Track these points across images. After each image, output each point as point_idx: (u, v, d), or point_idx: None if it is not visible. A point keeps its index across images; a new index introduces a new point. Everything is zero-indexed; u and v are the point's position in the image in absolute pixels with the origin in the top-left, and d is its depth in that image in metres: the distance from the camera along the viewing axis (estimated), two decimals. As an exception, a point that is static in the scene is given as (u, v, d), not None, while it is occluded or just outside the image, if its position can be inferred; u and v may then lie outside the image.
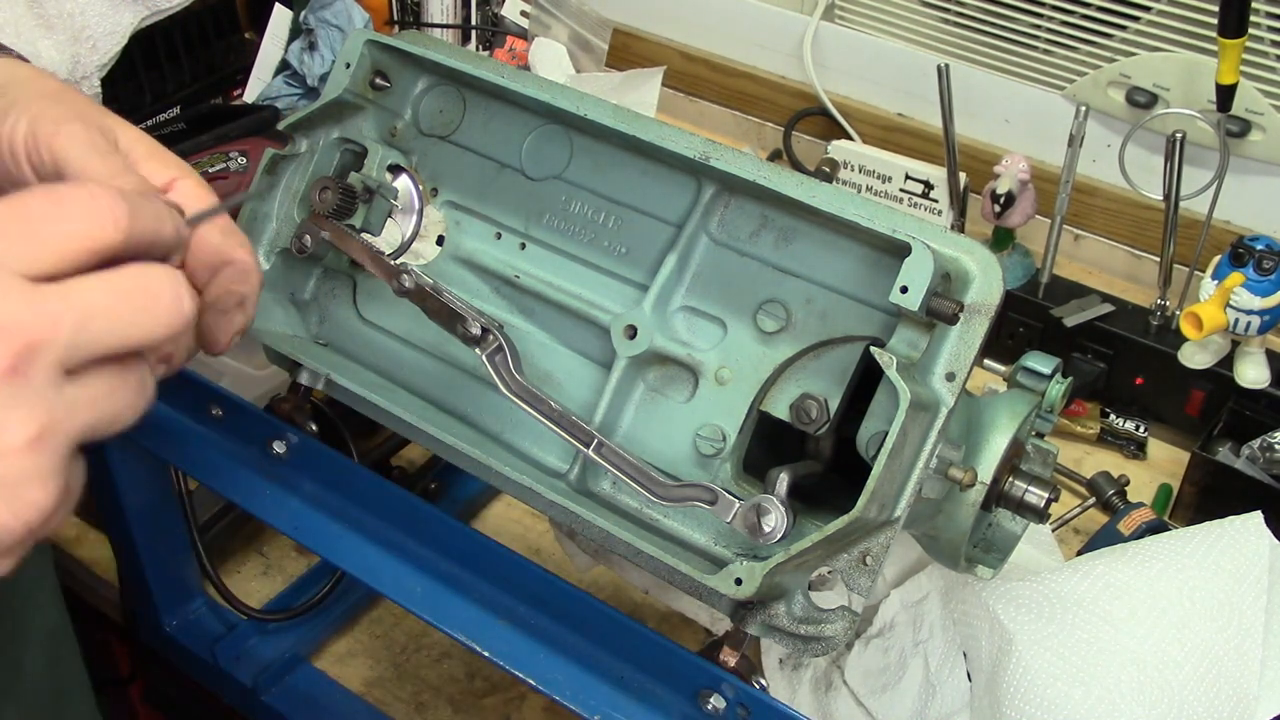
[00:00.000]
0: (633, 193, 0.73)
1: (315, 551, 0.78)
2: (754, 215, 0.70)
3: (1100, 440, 1.17)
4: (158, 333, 0.45)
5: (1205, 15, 1.16)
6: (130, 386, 0.46)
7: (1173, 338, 1.12)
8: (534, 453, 0.74)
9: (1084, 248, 1.37)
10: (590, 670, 0.70)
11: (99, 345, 0.44)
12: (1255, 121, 1.20)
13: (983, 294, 0.63)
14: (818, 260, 0.68)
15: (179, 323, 0.46)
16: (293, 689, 0.99)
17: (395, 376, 0.79)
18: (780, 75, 1.51)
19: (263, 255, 0.79)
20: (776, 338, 0.68)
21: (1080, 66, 1.29)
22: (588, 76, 1.52)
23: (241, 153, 1.17)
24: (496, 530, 1.11)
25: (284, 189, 0.79)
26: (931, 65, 1.17)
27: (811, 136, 1.51)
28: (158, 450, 0.84)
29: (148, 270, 0.45)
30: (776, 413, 0.68)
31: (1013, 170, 1.19)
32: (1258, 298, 1.01)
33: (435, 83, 0.79)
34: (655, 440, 0.71)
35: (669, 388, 0.71)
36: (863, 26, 1.43)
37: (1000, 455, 0.69)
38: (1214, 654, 0.77)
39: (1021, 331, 1.20)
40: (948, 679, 0.84)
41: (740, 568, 0.61)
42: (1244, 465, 1.06)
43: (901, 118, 1.44)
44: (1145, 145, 1.21)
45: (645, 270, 0.72)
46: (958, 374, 0.63)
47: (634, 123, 0.70)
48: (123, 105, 1.24)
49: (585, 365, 0.74)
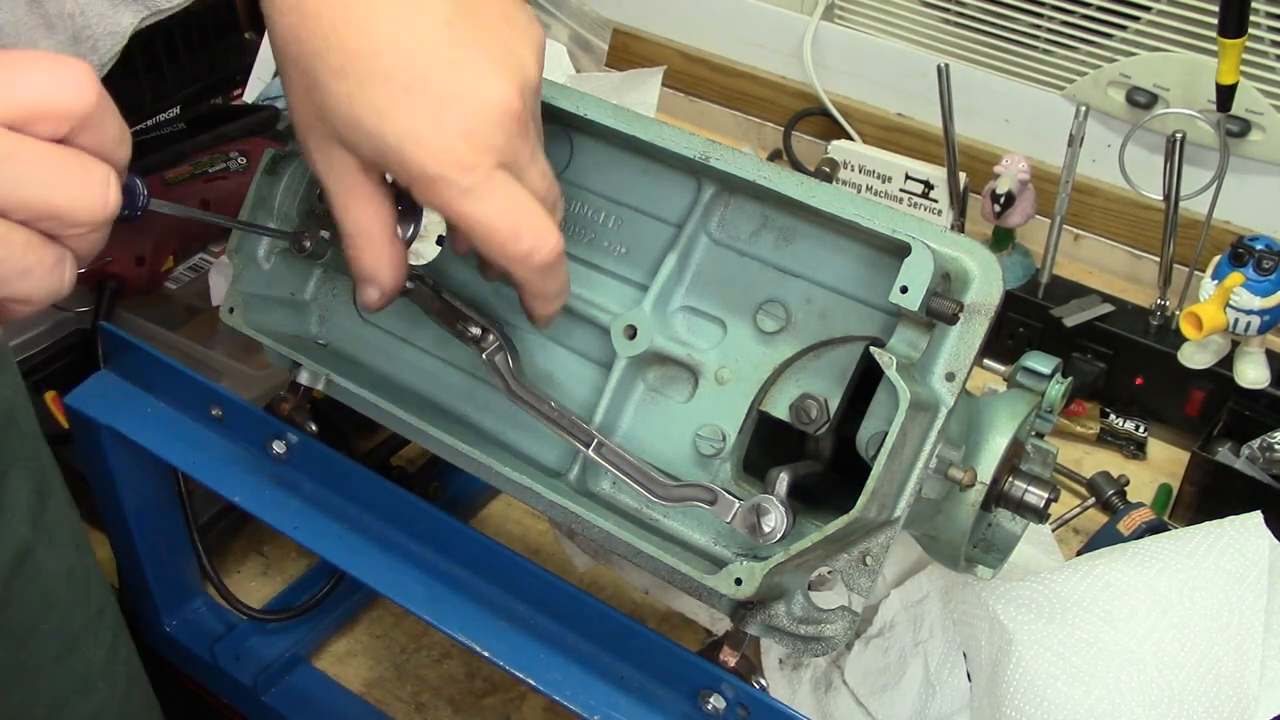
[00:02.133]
0: (633, 193, 0.73)
1: (315, 551, 0.78)
2: (754, 215, 0.70)
3: (1100, 440, 1.17)
4: (79, 213, 0.48)
5: (1205, 15, 1.16)
6: (46, 258, 0.48)
7: (1173, 338, 1.12)
8: (534, 453, 0.74)
9: (1084, 248, 1.37)
10: (590, 670, 0.70)
11: (24, 197, 0.47)
12: (1255, 121, 1.20)
13: (983, 294, 0.63)
14: (818, 260, 0.68)
15: (100, 213, 0.49)
16: (293, 689, 0.99)
17: (395, 376, 0.79)
18: (780, 75, 1.51)
19: (263, 255, 0.79)
20: (776, 338, 0.68)
21: (1080, 66, 1.29)
22: (588, 76, 1.52)
23: (241, 153, 1.17)
24: (496, 530, 1.11)
25: (284, 189, 0.79)
26: (931, 65, 1.17)
27: (811, 136, 1.51)
28: (158, 450, 0.84)
29: (89, 158, 0.49)
30: (776, 413, 0.68)
31: (1013, 170, 1.19)
32: (1258, 298, 1.01)
33: (435, 83, 0.79)
34: (655, 440, 0.71)
35: (669, 388, 0.71)
36: (863, 26, 1.43)
37: (1000, 455, 0.69)
38: (1214, 654, 0.77)
39: (1021, 331, 1.20)
40: (948, 679, 0.85)
41: (740, 568, 0.61)
42: (1244, 465, 1.06)
43: (901, 118, 1.44)
44: (1145, 145, 1.21)
45: (645, 270, 0.72)
46: (958, 374, 0.63)
47: (634, 123, 0.70)
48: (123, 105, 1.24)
49: (585, 365, 0.74)
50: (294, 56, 0.59)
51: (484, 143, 0.58)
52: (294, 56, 0.59)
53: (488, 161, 0.58)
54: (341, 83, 0.57)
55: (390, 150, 0.58)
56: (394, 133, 0.57)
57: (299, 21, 0.58)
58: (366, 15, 0.57)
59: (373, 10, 0.57)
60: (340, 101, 0.58)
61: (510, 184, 0.59)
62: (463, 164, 0.57)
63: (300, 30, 0.58)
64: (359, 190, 0.62)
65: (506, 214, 0.59)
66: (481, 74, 0.58)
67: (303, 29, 0.58)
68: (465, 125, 0.57)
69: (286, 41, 0.59)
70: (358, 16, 0.57)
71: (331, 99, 0.58)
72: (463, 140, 0.57)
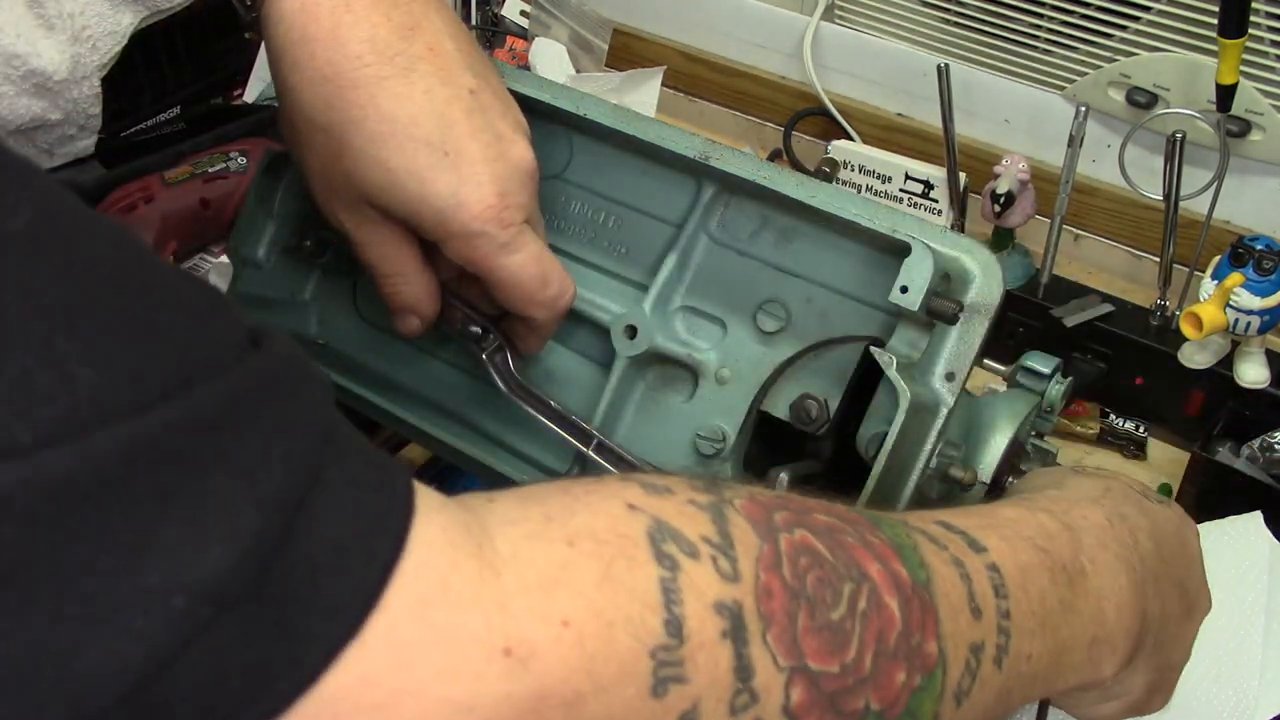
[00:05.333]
0: (633, 193, 0.73)
1: (315, 551, 0.78)
2: (754, 215, 0.70)
3: (1100, 440, 1.17)
4: None
5: (1205, 15, 1.16)
6: None
7: (1173, 338, 1.12)
8: (534, 453, 0.74)
9: (1084, 248, 1.37)
10: (590, 670, 0.70)
11: None
12: (1255, 121, 1.20)
13: (983, 294, 0.63)
14: (818, 260, 0.68)
15: None
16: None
17: (395, 376, 0.79)
18: (780, 75, 1.51)
19: (263, 255, 0.79)
20: (776, 338, 0.68)
21: (1080, 66, 1.29)
22: (588, 76, 1.52)
23: (241, 153, 1.17)
24: (496, 530, 1.11)
25: (284, 189, 0.79)
26: (931, 65, 1.17)
27: (811, 136, 1.51)
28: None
29: None
30: (776, 413, 0.68)
31: (1013, 170, 1.19)
32: (1258, 298, 1.01)
33: (435, 83, 0.79)
34: (655, 440, 0.71)
35: (669, 388, 0.71)
36: (863, 26, 1.43)
37: (1000, 455, 0.69)
38: (1214, 654, 0.77)
39: (1021, 331, 1.20)
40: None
41: (740, 568, 0.61)
42: (1244, 465, 1.06)
43: (901, 118, 1.44)
44: (1145, 145, 1.21)
45: (645, 270, 0.72)
46: (958, 374, 0.63)
47: (634, 123, 0.70)
48: (123, 105, 1.23)
49: (585, 365, 0.74)
50: (324, 125, 0.62)
51: (515, 200, 0.63)
52: (324, 125, 0.62)
53: (519, 218, 0.63)
54: (380, 149, 0.61)
55: (431, 212, 0.62)
56: (436, 194, 0.61)
57: (335, 92, 0.61)
58: (405, 86, 0.61)
59: (410, 82, 0.61)
60: (374, 167, 0.61)
61: (534, 236, 0.64)
62: (501, 221, 0.62)
63: (335, 100, 0.61)
64: (392, 239, 0.66)
65: (536, 263, 0.64)
66: (506, 136, 0.64)
67: (338, 98, 0.61)
68: (501, 186, 0.62)
69: (317, 110, 0.62)
70: (396, 87, 0.61)
71: (365, 164, 0.61)
72: (499, 199, 0.62)
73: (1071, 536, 0.55)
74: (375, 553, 0.36)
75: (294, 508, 0.34)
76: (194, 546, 0.32)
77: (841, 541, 0.44)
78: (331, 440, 0.37)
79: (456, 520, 0.39)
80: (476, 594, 0.37)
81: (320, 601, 0.34)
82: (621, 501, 0.42)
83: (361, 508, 0.36)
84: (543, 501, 0.42)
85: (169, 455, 0.32)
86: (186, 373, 0.33)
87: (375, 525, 0.36)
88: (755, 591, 0.40)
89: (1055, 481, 0.63)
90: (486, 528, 0.39)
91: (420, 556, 0.36)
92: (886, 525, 0.48)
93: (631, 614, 0.38)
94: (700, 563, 0.40)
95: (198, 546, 0.32)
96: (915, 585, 0.45)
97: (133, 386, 0.31)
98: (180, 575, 0.31)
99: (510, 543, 0.39)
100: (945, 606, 0.46)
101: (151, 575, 0.31)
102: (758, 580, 0.41)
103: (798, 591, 0.41)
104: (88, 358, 0.31)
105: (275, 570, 0.33)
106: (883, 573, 0.44)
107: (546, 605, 0.37)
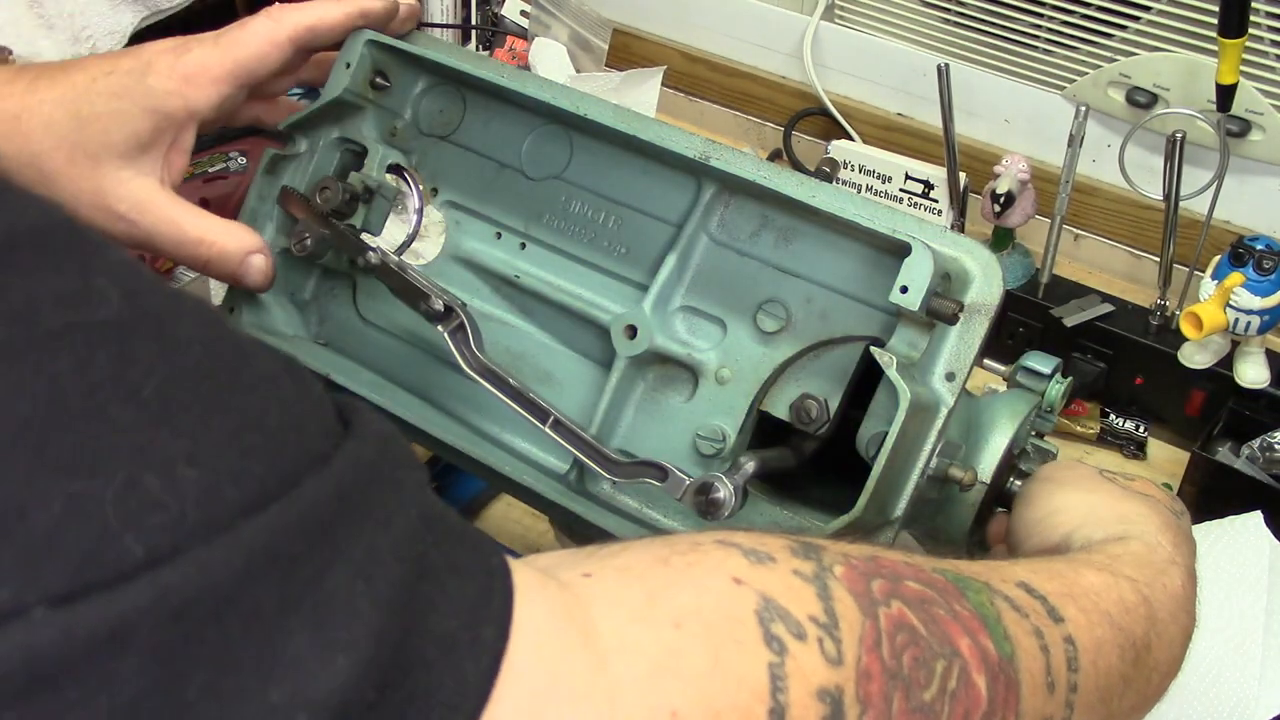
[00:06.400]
0: (633, 193, 0.73)
1: (315, 551, 0.78)
2: (754, 215, 0.70)
3: (1100, 440, 1.17)
4: None
5: (1205, 15, 1.16)
6: None
7: (1173, 338, 1.12)
8: (534, 453, 0.74)
9: (1084, 248, 1.37)
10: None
11: None
12: (1255, 121, 1.20)
13: (983, 294, 0.63)
14: (818, 260, 0.68)
15: None
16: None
17: (395, 376, 0.79)
18: (780, 75, 1.51)
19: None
20: (776, 338, 0.68)
21: (1080, 66, 1.29)
22: (588, 76, 1.52)
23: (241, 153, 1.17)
24: (497, 530, 1.11)
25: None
26: (931, 65, 1.17)
27: (811, 136, 1.51)
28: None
29: None
30: (776, 413, 0.68)
31: (1013, 170, 1.19)
32: (1258, 298, 1.01)
33: (435, 83, 0.79)
34: (655, 440, 0.71)
35: (669, 388, 0.71)
36: (863, 26, 1.43)
37: (1000, 455, 0.69)
38: (1214, 654, 0.77)
39: (1021, 331, 1.20)
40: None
41: (740, 568, 0.61)
42: (1244, 465, 1.06)
43: (901, 118, 1.44)
44: (1145, 145, 1.21)
45: (645, 270, 0.72)
46: (958, 374, 0.63)
47: (634, 123, 0.70)
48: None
49: (585, 365, 0.74)
50: None
51: None
52: None
53: None
54: None
55: None
56: None
57: None
58: None
59: None
60: None
61: None
62: None
63: None
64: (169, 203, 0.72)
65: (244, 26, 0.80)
66: None
67: None
68: None
69: None
70: None
71: None
72: None
73: (1148, 611, 0.55)
74: (483, 643, 0.34)
75: (407, 602, 0.33)
76: (318, 659, 0.30)
77: (934, 615, 0.44)
78: (429, 523, 0.36)
79: (557, 602, 0.38)
80: (588, 688, 0.36)
81: (437, 698, 0.33)
82: (726, 576, 0.40)
83: (463, 594, 0.35)
84: (643, 578, 0.40)
85: (286, 560, 0.30)
86: (290, 466, 0.31)
87: (479, 613, 0.35)
88: (856, 675, 0.40)
89: (1116, 511, 0.62)
90: (588, 609, 0.38)
91: (527, 645, 0.35)
92: (971, 591, 0.47)
93: (738, 702, 0.38)
94: (808, 645, 0.40)
95: (323, 659, 0.30)
96: (1001, 661, 0.45)
97: (239, 485, 0.30)
98: (306, 691, 0.29)
99: (615, 627, 0.38)
100: (1027, 683, 0.46)
101: (276, 694, 0.29)
102: (859, 663, 0.40)
103: (895, 673, 0.41)
104: (193, 458, 0.29)
105: (394, 672, 0.32)
106: (972, 648, 0.44)
107: (656, 697, 0.36)
